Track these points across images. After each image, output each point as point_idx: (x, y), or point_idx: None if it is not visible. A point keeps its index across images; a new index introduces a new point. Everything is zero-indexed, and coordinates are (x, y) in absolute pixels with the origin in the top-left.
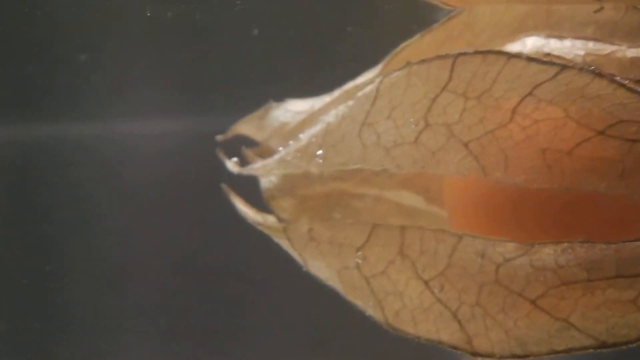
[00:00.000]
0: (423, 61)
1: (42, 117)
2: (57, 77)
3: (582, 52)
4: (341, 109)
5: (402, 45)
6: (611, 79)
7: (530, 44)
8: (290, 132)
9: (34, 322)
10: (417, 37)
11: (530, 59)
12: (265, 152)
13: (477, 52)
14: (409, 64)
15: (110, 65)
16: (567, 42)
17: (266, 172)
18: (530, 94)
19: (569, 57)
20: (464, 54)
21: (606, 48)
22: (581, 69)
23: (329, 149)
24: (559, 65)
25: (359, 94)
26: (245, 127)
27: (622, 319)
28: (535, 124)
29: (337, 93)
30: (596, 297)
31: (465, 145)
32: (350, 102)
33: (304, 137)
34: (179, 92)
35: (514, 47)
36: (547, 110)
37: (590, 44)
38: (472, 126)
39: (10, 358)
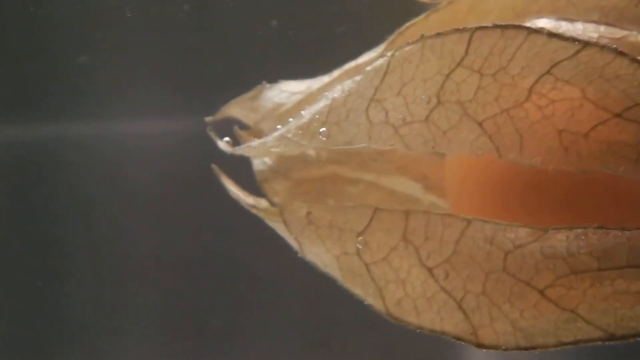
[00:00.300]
0: (438, 35)
1: (42, 117)
2: (57, 77)
3: (595, 35)
4: (347, 84)
5: (407, 24)
6: (633, 59)
7: (541, 25)
8: (285, 114)
9: (34, 322)
10: (422, 16)
11: (551, 34)
12: (257, 135)
13: (496, 26)
14: (423, 37)
15: (110, 65)
16: (579, 25)
17: (264, 150)
18: (548, 72)
19: (583, 39)
20: (482, 27)
21: (618, 32)
22: (603, 47)
23: (333, 127)
24: (581, 42)
25: (368, 68)
26: (236, 108)
27: (631, 311)
28: (552, 104)
29: (336, 73)
30: (605, 288)
31: (480, 124)
32: (358, 77)
33: (306, 113)
34: (179, 92)
35: None
36: (564, 90)
37: (602, 28)
38: (487, 105)
39: (10, 358)
